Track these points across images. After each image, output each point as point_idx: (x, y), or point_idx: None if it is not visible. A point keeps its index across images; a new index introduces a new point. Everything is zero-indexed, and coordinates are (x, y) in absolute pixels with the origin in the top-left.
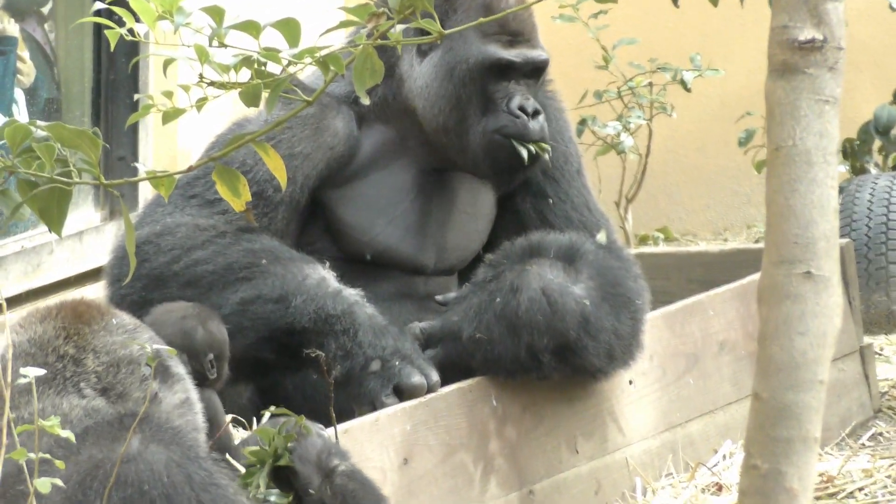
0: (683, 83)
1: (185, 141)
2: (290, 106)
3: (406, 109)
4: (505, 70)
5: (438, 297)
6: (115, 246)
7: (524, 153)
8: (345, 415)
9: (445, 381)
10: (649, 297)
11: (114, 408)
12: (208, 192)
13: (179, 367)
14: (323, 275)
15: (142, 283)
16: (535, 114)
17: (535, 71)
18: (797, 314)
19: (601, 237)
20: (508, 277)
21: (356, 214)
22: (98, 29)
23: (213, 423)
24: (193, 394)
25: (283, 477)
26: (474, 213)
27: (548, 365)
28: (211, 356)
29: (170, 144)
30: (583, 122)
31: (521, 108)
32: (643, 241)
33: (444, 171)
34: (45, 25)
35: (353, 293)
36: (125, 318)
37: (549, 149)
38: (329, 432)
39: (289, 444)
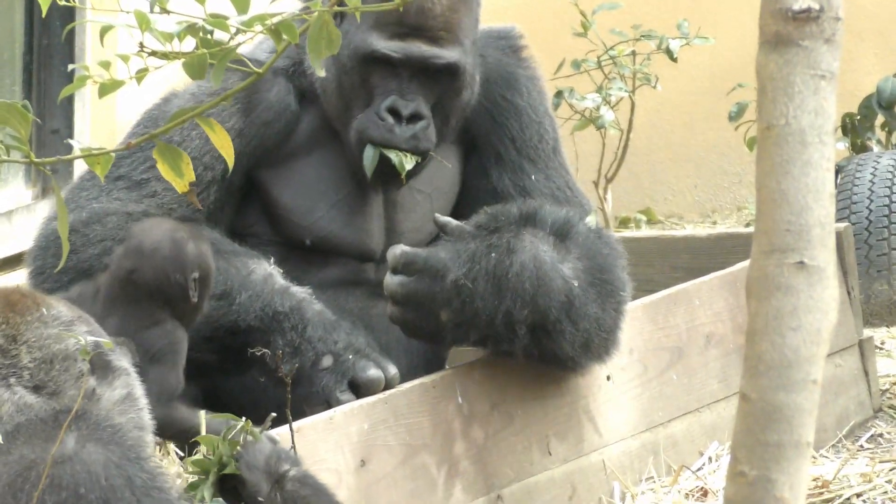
0: (669, 52)
1: (125, 114)
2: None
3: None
4: (388, 64)
5: (438, 216)
6: (37, 235)
7: (392, 157)
8: (296, 417)
9: (406, 328)
10: (631, 290)
11: (48, 404)
12: (135, 173)
13: (122, 361)
14: (269, 270)
15: (69, 276)
16: (412, 119)
17: (429, 71)
18: (789, 308)
19: (591, 220)
20: (506, 236)
21: (295, 197)
22: None
23: (175, 349)
24: (137, 389)
25: (229, 487)
26: (430, 193)
27: (520, 339)
28: (196, 274)
29: (108, 117)
30: (559, 95)
31: (392, 110)
32: (624, 223)
33: None
34: None
35: (300, 290)
36: (62, 309)
37: (420, 160)
38: (280, 433)
39: (235, 451)
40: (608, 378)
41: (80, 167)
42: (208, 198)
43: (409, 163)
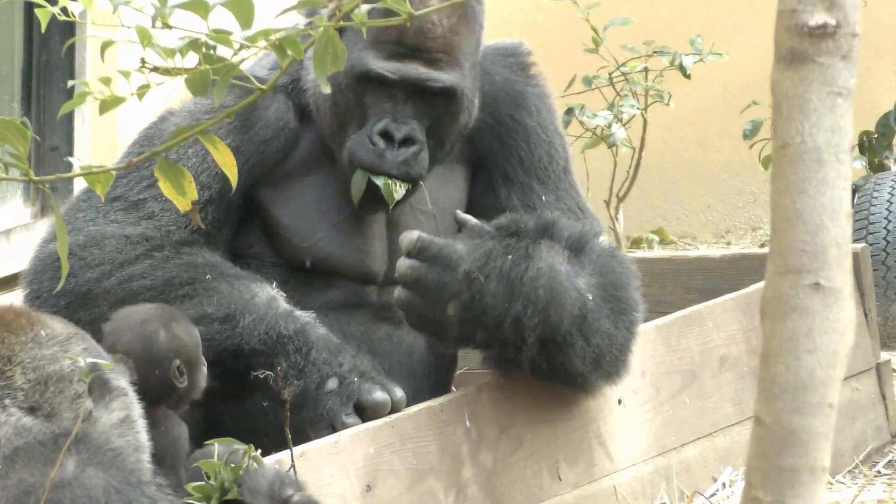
0: (682, 69)
1: (126, 131)
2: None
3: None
4: (383, 85)
5: (458, 213)
6: (33, 258)
7: (379, 183)
8: (300, 441)
9: (410, 315)
10: (644, 312)
11: (47, 427)
12: (131, 193)
13: (120, 381)
14: (272, 294)
15: (66, 300)
16: (405, 142)
17: (426, 94)
18: (804, 330)
19: (603, 240)
20: (524, 241)
21: (295, 217)
22: (30, 4)
23: (173, 451)
24: (135, 410)
25: None
26: (434, 213)
27: (528, 348)
28: (178, 362)
29: (109, 134)
30: (569, 112)
31: (384, 133)
32: (636, 244)
33: None
34: None
35: (304, 314)
36: (57, 328)
37: (410, 188)
38: (283, 458)
39: (237, 476)
40: (619, 401)
41: (79, 186)
42: (206, 217)
43: (398, 192)
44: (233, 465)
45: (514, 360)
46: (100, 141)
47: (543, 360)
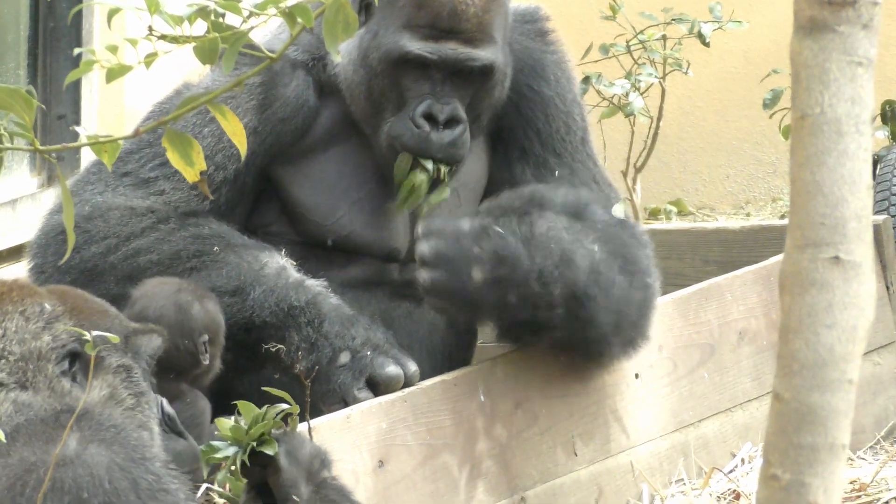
0: (701, 37)
1: (134, 100)
2: (237, 71)
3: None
4: (421, 66)
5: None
6: (38, 230)
7: (429, 167)
8: (312, 416)
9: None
10: (660, 283)
11: (48, 403)
12: (143, 170)
13: (114, 358)
14: (282, 263)
15: (71, 276)
16: (449, 123)
17: (464, 73)
18: (824, 305)
19: (618, 209)
20: (518, 211)
21: (315, 195)
22: None
23: (197, 423)
24: (124, 388)
25: (253, 472)
26: (456, 188)
27: (558, 304)
28: (206, 337)
29: (116, 103)
30: (586, 80)
31: (428, 115)
32: (654, 215)
33: None
34: None
35: (316, 283)
36: (49, 303)
37: (454, 171)
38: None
39: (275, 431)
40: (636, 376)
41: (87, 156)
42: (220, 198)
43: (445, 177)
44: (274, 419)
45: (546, 321)
46: (107, 109)
47: (571, 317)
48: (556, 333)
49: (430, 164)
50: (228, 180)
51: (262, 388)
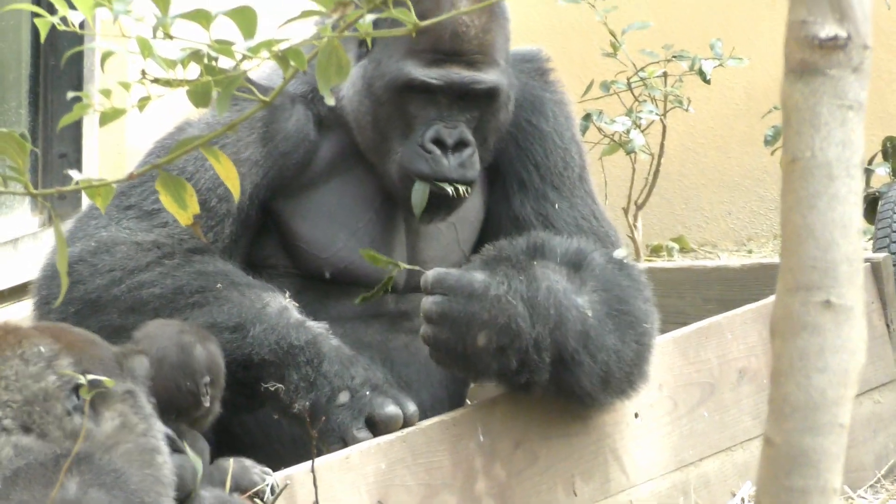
0: (702, 73)
1: (135, 138)
2: (237, 107)
3: (344, 116)
4: (426, 92)
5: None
6: (45, 264)
7: (447, 189)
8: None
9: (438, 351)
10: (659, 323)
11: (48, 447)
12: (146, 203)
13: (123, 384)
14: (284, 304)
15: (75, 307)
16: (458, 146)
17: (469, 96)
18: (815, 348)
19: (620, 252)
20: (522, 264)
21: (313, 228)
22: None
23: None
24: (137, 413)
25: None
26: (454, 222)
27: (547, 369)
28: (208, 378)
29: (117, 141)
30: (587, 118)
31: (437, 141)
32: (655, 252)
33: None
34: None
35: (317, 325)
36: (44, 343)
37: (469, 191)
38: (293, 473)
39: None
40: (636, 415)
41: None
42: (223, 230)
43: (463, 196)
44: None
45: (531, 383)
46: (108, 148)
47: (553, 382)
48: (543, 389)
49: (447, 187)
50: (232, 212)
51: (263, 429)
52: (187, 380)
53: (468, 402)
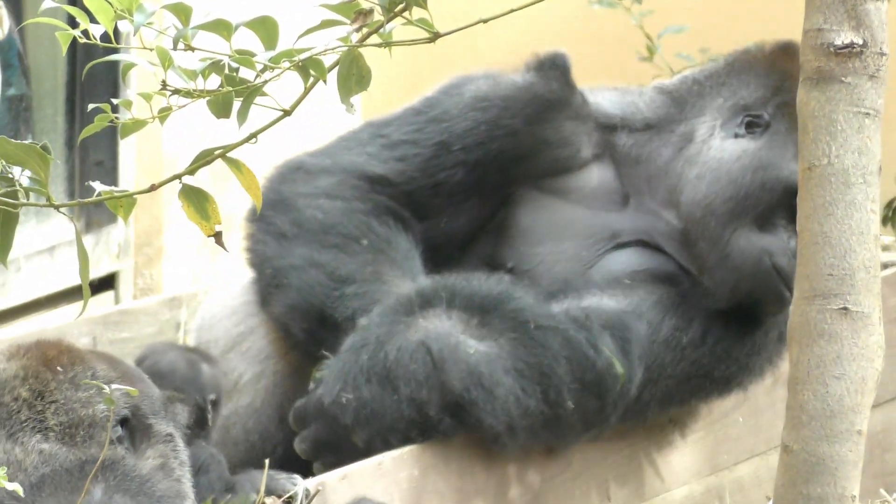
0: None
1: (171, 145)
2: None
3: (667, 172)
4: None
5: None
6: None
7: (785, 295)
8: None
9: (333, 464)
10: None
11: (73, 454)
12: (396, 133)
13: (165, 426)
14: (409, 293)
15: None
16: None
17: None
18: (832, 356)
19: None
20: (375, 333)
21: (534, 236)
22: (73, 16)
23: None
24: (176, 457)
25: None
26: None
27: (440, 421)
28: (213, 396)
29: (154, 148)
30: None
31: (793, 253)
32: None
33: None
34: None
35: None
36: (100, 370)
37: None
38: (326, 479)
39: None
40: (670, 420)
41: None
42: (454, 177)
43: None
44: None
45: (436, 432)
46: (145, 156)
47: (458, 422)
48: (453, 432)
49: (786, 293)
50: (464, 168)
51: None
52: (196, 393)
53: None
